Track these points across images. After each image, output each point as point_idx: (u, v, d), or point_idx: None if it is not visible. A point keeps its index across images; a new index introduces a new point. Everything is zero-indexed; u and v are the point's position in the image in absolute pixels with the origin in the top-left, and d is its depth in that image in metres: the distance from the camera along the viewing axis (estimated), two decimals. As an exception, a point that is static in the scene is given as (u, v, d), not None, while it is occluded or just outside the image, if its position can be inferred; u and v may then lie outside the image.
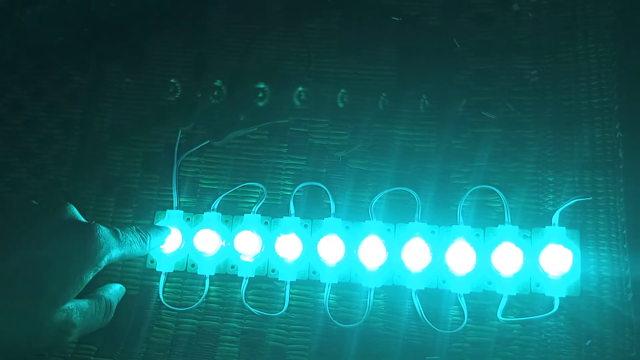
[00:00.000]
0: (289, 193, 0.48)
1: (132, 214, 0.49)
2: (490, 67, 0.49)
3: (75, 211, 0.41)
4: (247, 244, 0.45)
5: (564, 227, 0.44)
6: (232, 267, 0.47)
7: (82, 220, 0.41)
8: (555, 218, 0.44)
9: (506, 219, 0.45)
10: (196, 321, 0.46)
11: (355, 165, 0.49)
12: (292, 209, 0.47)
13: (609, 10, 0.48)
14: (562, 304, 0.43)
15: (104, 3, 0.52)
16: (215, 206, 0.48)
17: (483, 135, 0.48)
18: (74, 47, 0.54)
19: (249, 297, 0.46)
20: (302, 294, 0.46)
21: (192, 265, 0.47)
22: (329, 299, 0.45)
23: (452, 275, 0.44)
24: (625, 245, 0.43)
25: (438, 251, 0.44)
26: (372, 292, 0.45)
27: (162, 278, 0.47)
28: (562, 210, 0.44)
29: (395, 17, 0.51)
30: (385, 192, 0.47)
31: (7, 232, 0.38)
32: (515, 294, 0.43)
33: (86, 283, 0.38)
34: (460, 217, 0.46)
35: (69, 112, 0.52)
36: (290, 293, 0.46)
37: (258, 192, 0.49)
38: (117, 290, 0.45)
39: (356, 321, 0.45)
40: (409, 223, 0.46)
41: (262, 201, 0.48)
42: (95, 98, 0.53)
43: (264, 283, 0.47)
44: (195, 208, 0.49)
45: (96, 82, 0.53)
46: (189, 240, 0.47)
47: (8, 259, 0.37)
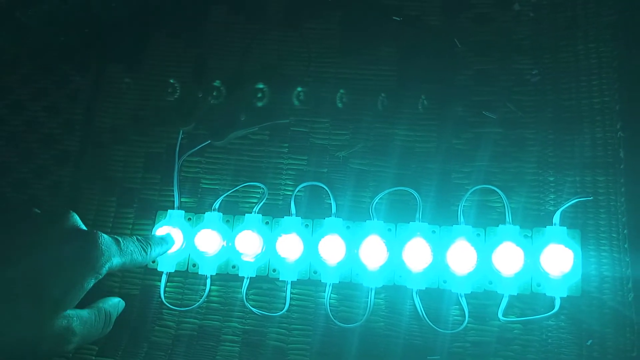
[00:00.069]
0: (290, 193, 0.48)
1: (134, 214, 0.49)
2: (491, 67, 0.49)
3: (77, 219, 0.41)
4: (248, 243, 0.45)
5: (565, 227, 0.44)
6: (233, 267, 0.47)
7: (84, 228, 0.41)
8: (556, 218, 0.44)
9: (507, 219, 0.45)
10: (197, 321, 0.46)
11: (356, 165, 0.49)
12: (293, 209, 0.47)
13: (610, 10, 0.48)
14: (563, 304, 0.43)
15: (105, 3, 0.53)
16: (217, 206, 0.48)
17: (484, 135, 0.48)
18: (75, 48, 0.54)
19: (250, 297, 0.46)
20: (303, 294, 0.46)
21: (194, 265, 0.47)
22: (330, 298, 0.45)
23: (453, 275, 0.44)
24: (626, 245, 0.43)
25: (439, 251, 0.44)
26: (373, 292, 0.45)
27: (164, 278, 0.47)
28: (563, 210, 0.44)
29: (395, 17, 0.51)
30: (386, 192, 0.47)
31: (11, 240, 0.39)
32: (516, 294, 0.43)
33: (87, 290, 0.39)
34: (461, 217, 0.46)
35: (70, 112, 0.53)
36: (291, 293, 0.46)
37: (259, 192, 0.49)
38: (116, 303, 0.45)
39: (357, 321, 0.45)
40: (410, 223, 0.46)
41: (263, 201, 0.48)
42: (96, 98, 0.53)
43: (265, 283, 0.47)
44: (196, 208, 0.49)
45: (97, 82, 0.53)
46: (190, 240, 0.47)
47: (11, 265, 0.37)
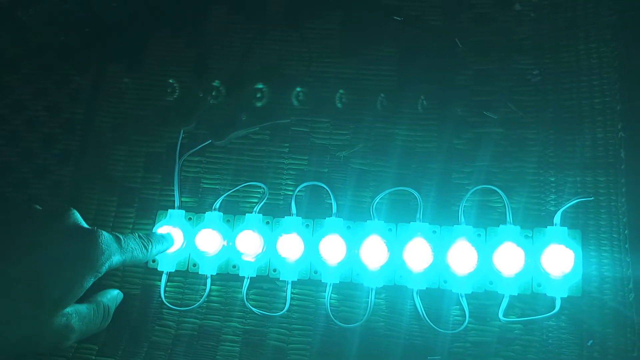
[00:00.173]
0: (290, 193, 0.48)
1: (134, 214, 0.49)
2: (491, 67, 0.49)
3: (78, 217, 0.41)
4: (249, 243, 0.45)
5: (566, 227, 0.44)
6: (234, 266, 0.47)
7: (84, 226, 0.41)
8: (557, 218, 0.44)
9: (508, 219, 0.45)
10: (197, 321, 0.46)
11: (357, 165, 0.49)
12: (293, 209, 0.47)
13: (610, 10, 0.48)
14: (563, 304, 0.43)
15: (105, 3, 0.53)
16: (217, 206, 0.48)
17: (484, 135, 0.48)
18: (75, 47, 0.54)
19: (250, 297, 0.46)
20: (303, 294, 0.46)
21: (194, 265, 0.47)
22: (330, 298, 0.45)
23: (454, 275, 0.44)
24: (627, 246, 0.43)
25: (439, 251, 0.44)
26: (374, 292, 0.45)
27: (164, 277, 0.47)
28: (563, 210, 0.44)
29: (396, 17, 0.51)
30: (387, 192, 0.47)
31: (11, 237, 0.39)
32: (516, 294, 0.43)
33: (87, 288, 0.39)
34: (462, 217, 0.46)
35: (71, 112, 0.53)
36: (291, 293, 0.46)
37: (260, 191, 0.49)
38: (115, 295, 0.45)
39: (357, 321, 0.45)
40: (411, 223, 0.46)
41: (264, 201, 0.48)
42: (96, 98, 0.53)
43: (266, 283, 0.47)
44: (196, 208, 0.49)
45: (97, 82, 0.53)
46: (190, 240, 0.47)
47: (12, 262, 0.37)
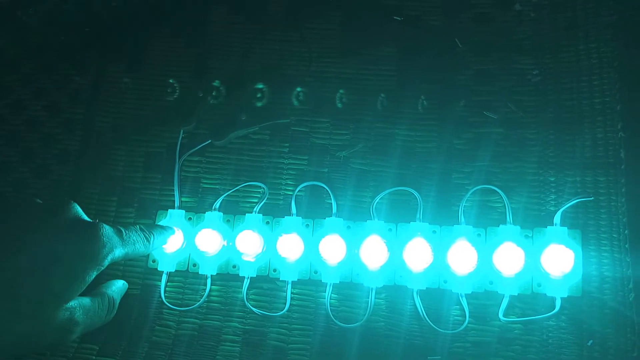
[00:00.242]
0: (290, 193, 0.48)
1: (134, 214, 0.49)
2: (491, 67, 0.49)
3: (79, 210, 0.41)
4: (249, 243, 0.45)
5: (566, 227, 0.44)
6: (234, 266, 0.47)
7: (86, 219, 0.41)
8: (557, 218, 0.44)
9: (508, 219, 0.45)
10: (198, 321, 0.46)
11: (357, 165, 0.49)
12: (293, 209, 0.47)
13: (610, 10, 0.48)
14: (563, 304, 0.43)
15: (105, 3, 0.53)
16: (217, 206, 0.48)
17: (484, 135, 0.48)
18: (75, 47, 0.54)
19: (250, 297, 0.46)
20: (303, 294, 0.46)
21: (194, 265, 0.47)
22: (330, 298, 0.45)
23: (454, 275, 0.44)
24: (627, 245, 0.43)
25: (439, 251, 0.44)
26: (374, 291, 0.45)
27: (164, 277, 0.47)
28: (563, 210, 0.44)
29: (396, 17, 0.51)
30: (387, 191, 0.47)
31: (12, 231, 0.38)
32: (516, 294, 0.43)
33: (89, 282, 0.39)
34: (462, 217, 0.46)
35: (71, 111, 0.53)
36: (291, 293, 0.46)
37: (260, 191, 0.49)
38: (120, 286, 0.45)
39: (357, 321, 0.45)
40: (411, 223, 0.46)
41: (264, 201, 0.48)
42: (96, 98, 0.53)
43: (266, 283, 0.47)
44: (196, 207, 0.49)
45: (97, 82, 0.53)
46: (190, 240, 0.47)
47: (12, 257, 0.37)
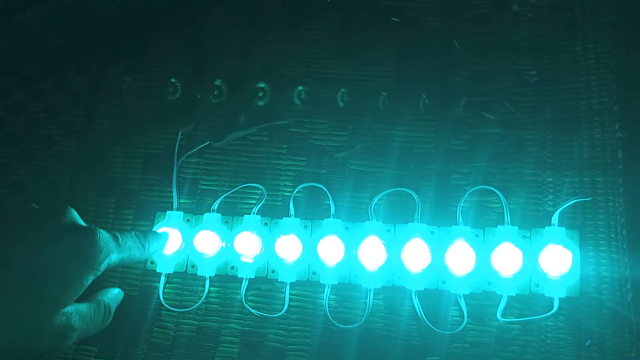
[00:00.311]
0: (288, 194, 0.48)
1: (133, 215, 0.49)
2: (489, 68, 0.49)
3: (75, 215, 0.41)
4: (247, 245, 0.45)
5: (564, 228, 0.44)
6: (232, 268, 0.47)
7: (82, 224, 0.41)
8: (555, 218, 0.44)
9: (506, 220, 0.45)
10: (196, 322, 0.46)
11: (355, 166, 0.49)
12: (292, 210, 0.48)
13: (608, 10, 0.48)
14: (561, 305, 0.43)
15: (104, 5, 0.53)
16: (215, 207, 0.48)
17: (482, 135, 0.48)
18: (74, 49, 0.54)
19: (248, 298, 0.46)
20: (302, 295, 0.46)
21: (192, 267, 0.47)
22: (328, 299, 0.45)
23: (452, 275, 0.44)
24: (624, 246, 0.43)
25: (438, 252, 0.44)
26: (372, 292, 0.45)
27: (162, 279, 0.47)
28: (561, 210, 0.44)
29: (394, 18, 0.51)
30: (385, 192, 0.47)
31: (9, 236, 0.39)
32: (514, 295, 0.43)
33: (86, 287, 0.39)
34: (460, 218, 0.46)
35: (69, 113, 0.53)
36: (290, 294, 0.46)
37: (258, 193, 0.49)
38: (116, 294, 0.45)
39: (356, 322, 0.45)
40: (409, 224, 0.46)
41: (262, 202, 0.48)
42: (95, 100, 0.53)
43: (264, 284, 0.47)
44: (195, 209, 0.49)
45: (96, 84, 0.53)
46: (189, 242, 0.47)
47: (9, 262, 0.37)
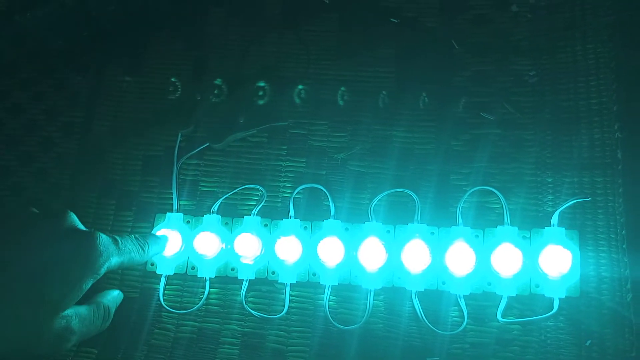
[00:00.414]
0: (288, 195, 0.48)
1: (132, 217, 0.49)
2: (489, 68, 0.49)
3: (75, 219, 0.41)
4: (247, 246, 0.45)
5: (563, 228, 0.44)
6: (232, 269, 0.47)
7: (82, 228, 0.41)
8: (555, 219, 0.44)
9: (505, 220, 0.45)
10: (196, 323, 0.46)
11: (355, 167, 0.49)
12: (291, 211, 0.48)
13: (607, 10, 0.48)
14: (561, 305, 0.43)
15: (103, 6, 0.53)
16: (215, 209, 0.48)
17: (482, 136, 0.48)
18: (74, 51, 0.54)
19: (249, 300, 0.46)
20: (302, 296, 0.46)
21: (192, 268, 0.47)
22: (329, 300, 0.45)
23: (452, 276, 0.44)
24: (624, 246, 0.43)
25: (438, 252, 0.44)
26: (372, 293, 0.45)
27: (163, 281, 0.47)
28: (561, 211, 0.44)
29: (393, 19, 0.51)
30: (385, 193, 0.47)
31: (8, 240, 0.39)
32: (514, 295, 0.43)
33: (85, 290, 0.39)
34: (460, 218, 0.46)
35: (69, 115, 0.53)
36: (290, 295, 0.46)
37: (258, 194, 0.49)
38: (115, 296, 0.46)
39: (356, 323, 0.45)
40: (409, 224, 0.46)
41: (262, 203, 0.48)
42: (95, 101, 0.53)
43: (264, 285, 0.47)
44: (195, 211, 0.49)
45: (96, 86, 0.53)
46: (189, 243, 0.47)
47: (9, 265, 0.37)
